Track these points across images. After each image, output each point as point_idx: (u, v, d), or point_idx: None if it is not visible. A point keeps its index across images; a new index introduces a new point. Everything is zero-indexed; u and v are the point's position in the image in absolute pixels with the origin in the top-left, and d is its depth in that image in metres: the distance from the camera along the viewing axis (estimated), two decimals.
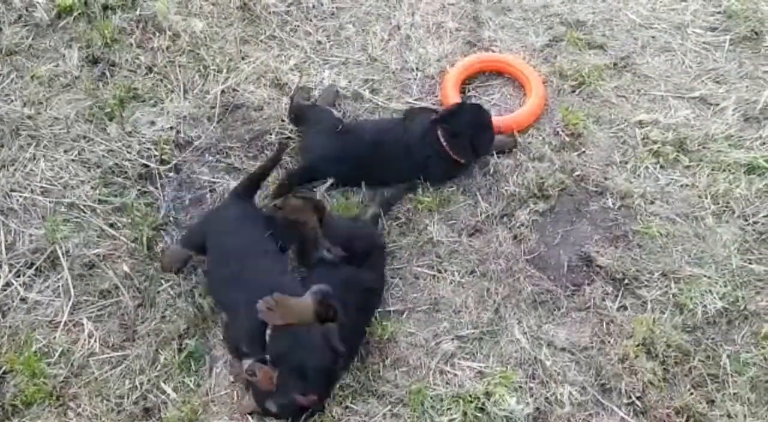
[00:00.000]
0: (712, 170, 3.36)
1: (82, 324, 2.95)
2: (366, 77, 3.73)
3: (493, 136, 3.32)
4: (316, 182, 3.30)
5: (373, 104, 3.63)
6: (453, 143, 3.24)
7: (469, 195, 3.32)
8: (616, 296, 3.01)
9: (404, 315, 2.99)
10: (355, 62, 3.80)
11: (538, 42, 3.84)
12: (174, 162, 3.38)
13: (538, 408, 2.74)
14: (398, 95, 3.67)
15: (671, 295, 2.99)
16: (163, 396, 2.78)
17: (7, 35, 3.78)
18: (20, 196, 3.25)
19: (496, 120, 3.41)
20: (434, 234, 3.18)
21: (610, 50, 3.82)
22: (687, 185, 3.33)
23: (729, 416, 2.71)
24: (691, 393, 2.76)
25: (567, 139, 3.47)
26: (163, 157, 3.39)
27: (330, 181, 3.25)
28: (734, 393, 2.76)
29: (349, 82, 3.70)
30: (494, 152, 3.39)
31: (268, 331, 2.63)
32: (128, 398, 2.78)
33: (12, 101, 3.56)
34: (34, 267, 3.07)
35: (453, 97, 3.53)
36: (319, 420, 2.70)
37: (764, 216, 3.19)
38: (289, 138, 3.46)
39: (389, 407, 2.75)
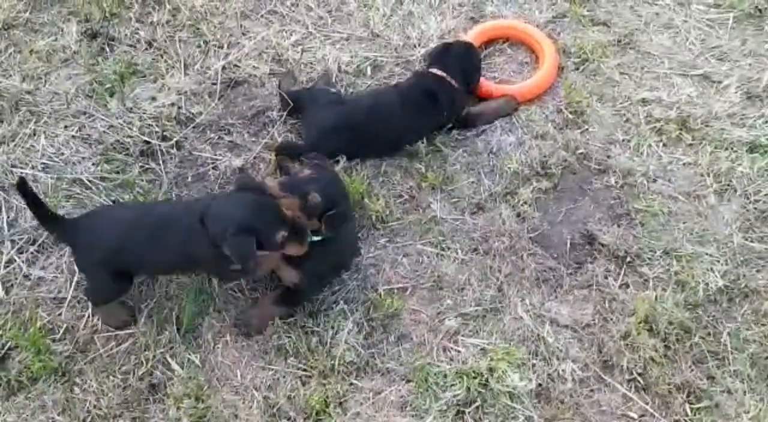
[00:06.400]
0: (715, 148, 3.35)
1: (87, 301, 2.94)
2: (368, 53, 3.70)
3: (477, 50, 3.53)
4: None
5: (375, 80, 3.61)
6: (457, 78, 3.36)
7: (472, 173, 3.32)
8: (618, 274, 3.02)
9: (408, 293, 3.00)
10: (357, 38, 3.77)
11: (542, 18, 3.81)
12: (175, 139, 3.36)
13: (540, 384, 2.77)
14: (400, 72, 3.65)
15: (673, 273, 3.01)
16: (169, 372, 2.79)
17: (4, 8, 3.74)
18: (21, 172, 3.22)
19: (510, 88, 3.53)
20: (438, 213, 3.19)
21: (613, 27, 3.79)
22: (689, 163, 3.33)
23: (729, 392, 2.74)
24: (692, 370, 2.79)
25: (570, 116, 3.46)
26: (164, 133, 3.36)
27: (341, 160, 3.24)
28: (734, 370, 2.79)
29: (351, 58, 3.67)
30: (494, 121, 3.46)
31: None
32: (134, 374, 2.79)
33: (10, 76, 3.52)
34: (37, 244, 3.07)
35: None
36: (324, 396, 2.73)
37: (766, 195, 3.19)
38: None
39: (393, 384, 2.78)
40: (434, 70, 3.39)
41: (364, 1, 3.91)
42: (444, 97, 3.34)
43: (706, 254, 3.06)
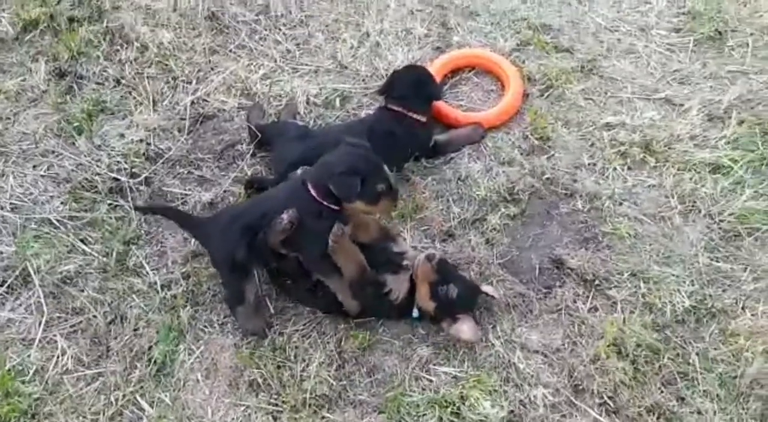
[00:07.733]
0: (678, 170, 3.41)
1: (56, 342, 2.94)
2: (336, 85, 3.74)
3: (433, 77, 3.51)
4: None
5: (344, 111, 3.64)
6: (417, 109, 3.37)
7: (441, 200, 3.35)
8: (587, 297, 3.05)
9: (379, 323, 3.01)
10: (325, 70, 3.82)
11: (506, 46, 3.87)
12: (144, 175, 3.37)
13: (512, 411, 2.77)
14: (368, 102, 3.69)
15: (640, 295, 3.04)
16: (139, 412, 2.78)
17: None
18: None
19: (476, 116, 3.58)
20: (408, 241, 3.20)
21: (576, 53, 3.86)
22: (654, 185, 3.38)
23: (699, 413, 2.76)
24: (662, 392, 2.80)
25: (536, 142, 3.51)
26: (133, 169, 3.38)
27: None
28: (704, 390, 2.81)
29: (320, 90, 3.71)
30: (462, 148, 3.51)
31: None
32: (104, 414, 2.77)
33: None
34: (6, 285, 3.06)
35: None
36: None
37: (730, 215, 3.24)
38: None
39: (366, 415, 2.77)
40: (392, 106, 3.37)
41: (331, 34, 3.96)
42: (405, 134, 3.34)
43: (673, 275, 3.09)
